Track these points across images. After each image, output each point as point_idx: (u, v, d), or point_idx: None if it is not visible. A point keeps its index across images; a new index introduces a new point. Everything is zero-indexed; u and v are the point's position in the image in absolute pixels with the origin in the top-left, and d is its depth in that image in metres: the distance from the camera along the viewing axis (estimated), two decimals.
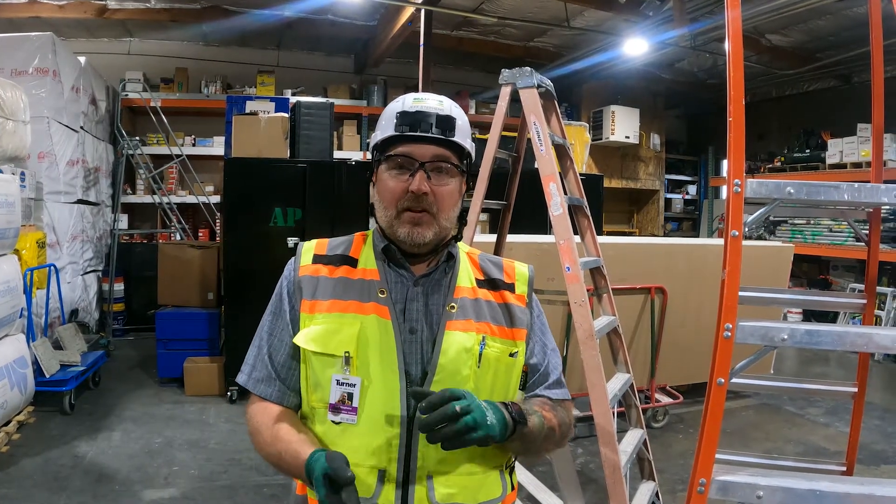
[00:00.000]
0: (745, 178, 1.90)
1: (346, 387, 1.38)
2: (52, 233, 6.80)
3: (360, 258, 1.51)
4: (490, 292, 1.53)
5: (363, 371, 1.38)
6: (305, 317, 1.45)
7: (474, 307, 1.48)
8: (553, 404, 1.53)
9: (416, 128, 1.40)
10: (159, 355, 6.32)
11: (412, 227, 1.41)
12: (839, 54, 9.25)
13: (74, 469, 4.37)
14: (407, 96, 1.47)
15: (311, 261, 1.51)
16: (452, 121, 1.43)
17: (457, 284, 1.49)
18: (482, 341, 1.44)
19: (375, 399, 1.38)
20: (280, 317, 1.51)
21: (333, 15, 9.02)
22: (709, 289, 5.39)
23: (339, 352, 1.39)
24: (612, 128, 10.82)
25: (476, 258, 1.59)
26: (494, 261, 1.62)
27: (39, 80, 6.67)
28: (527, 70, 3.14)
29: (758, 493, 1.77)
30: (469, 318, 1.46)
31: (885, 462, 4.90)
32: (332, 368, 1.39)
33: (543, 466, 4.22)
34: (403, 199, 1.40)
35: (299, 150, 6.31)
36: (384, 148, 1.44)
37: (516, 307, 1.54)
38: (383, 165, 1.44)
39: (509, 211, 3.77)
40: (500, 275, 1.58)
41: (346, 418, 1.38)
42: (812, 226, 9.81)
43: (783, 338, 1.84)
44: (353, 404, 1.38)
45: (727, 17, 1.98)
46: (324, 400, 1.40)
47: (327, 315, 1.43)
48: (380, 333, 1.40)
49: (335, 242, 1.56)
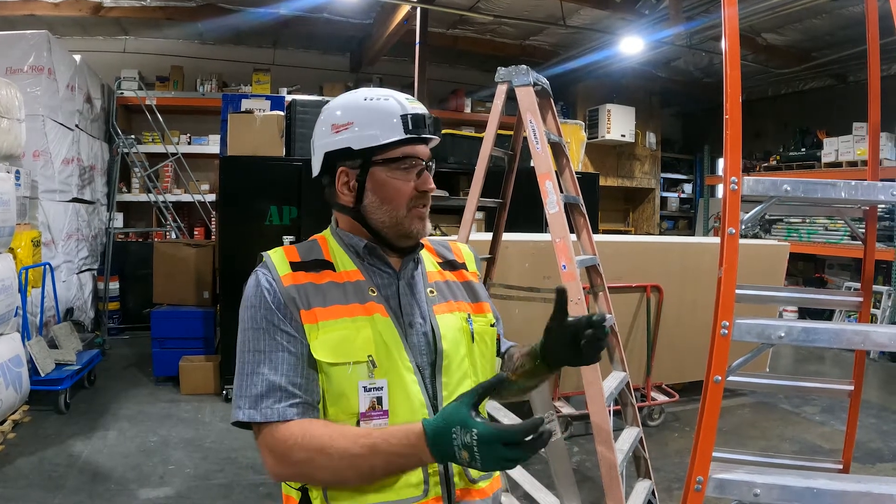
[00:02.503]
0: (741, 176, 1.90)
1: (374, 392, 1.34)
2: (47, 231, 6.78)
3: (334, 261, 1.47)
4: (452, 272, 1.60)
5: (384, 372, 1.36)
6: (310, 327, 1.36)
7: (447, 288, 1.54)
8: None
9: (426, 130, 1.43)
10: (155, 354, 6.30)
11: (423, 223, 1.46)
12: (835, 53, 9.28)
13: (70, 468, 4.35)
14: (394, 95, 1.45)
15: (289, 269, 1.42)
16: (440, 121, 1.48)
17: (427, 270, 1.54)
18: (468, 318, 1.50)
19: (403, 398, 1.36)
20: (275, 332, 1.37)
21: (329, 13, 9.00)
22: (704, 287, 5.39)
23: (362, 357, 1.34)
24: (607, 126, 10.83)
25: (429, 243, 1.64)
26: (443, 243, 1.68)
27: (34, 78, 6.65)
28: (523, 68, 3.13)
29: (755, 491, 1.77)
30: (448, 299, 1.52)
31: (881, 460, 4.91)
32: (357, 376, 1.34)
33: (539, 465, 4.22)
34: (413, 197, 1.43)
35: (295, 148, 6.30)
36: (380, 149, 1.41)
37: (475, 284, 1.62)
38: (384, 168, 1.42)
39: (505, 209, 3.77)
40: (451, 255, 1.65)
41: (379, 423, 1.33)
42: (807, 224, 9.84)
43: (780, 335, 1.84)
44: (383, 408, 1.34)
45: (724, 15, 1.98)
46: (349, 410, 1.34)
47: (335, 322, 1.37)
48: (388, 332, 1.39)
49: (304, 248, 1.50)
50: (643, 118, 11.68)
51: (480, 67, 11.11)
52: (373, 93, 1.46)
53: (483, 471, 1.25)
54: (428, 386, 1.40)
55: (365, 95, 1.46)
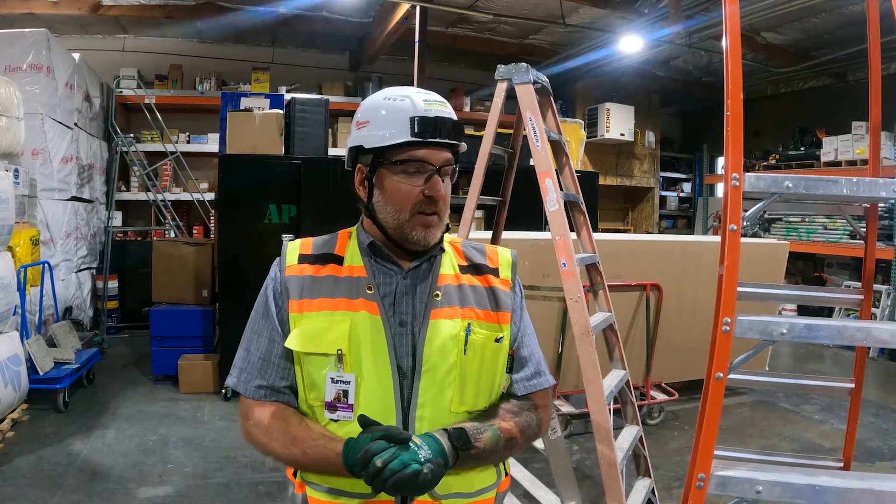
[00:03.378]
0: (743, 173, 1.89)
1: (341, 384, 1.39)
2: (45, 230, 6.77)
3: (345, 255, 1.51)
4: (474, 277, 1.55)
5: (356, 368, 1.39)
6: (294, 317, 1.45)
7: (458, 293, 1.50)
8: (519, 407, 1.52)
9: (435, 134, 1.39)
10: (153, 353, 6.29)
11: (426, 230, 1.43)
12: (834, 52, 9.29)
13: (68, 467, 4.35)
14: (412, 96, 1.43)
15: (296, 261, 1.50)
16: (461, 126, 1.44)
17: (440, 272, 1.50)
18: (468, 328, 1.45)
19: (370, 395, 1.39)
20: (268, 318, 1.48)
21: (328, 12, 8.99)
22: (704, 286, 5.40)
23: (331, 350, 1.39)
24: (606, 125, 10.83)
25: (458, 245, 1.60)
26: (477, 247, 1.63)
27: (33, 76, 6.65)
28: (523, 66, 3.12)
29: (757, 488, 1.77)
30: (454, 304, 1.47)
31: (881, 459, 4.91)
32: (325, 367, 1.40)
33: (540, 463, 4.22)
34: (418, 203, 1.41)
35: (294, 146, 6.29)
36: (390, 150, 1.41)
37: (501, 291, 1.55)
38: (390, 168, 1.42)
39: (505, 207, 3.76)
40: (484, 259, 1.59)
41: (342, 416, 1.39)
42: (807, 223, 9.84)
43: (782, 332, 1.83)
44: (348, 401, 1.39)
45: (725, 13, 1.98)
46: (320, 399, 1.41)
47: (317, 314, 1.43)
48: (370, 329, 1.41)
49: (320, 241, 1.55)
50: (642, 117, 11.67)
51: (480, 66, 11.10)
52: (395, 92, 1.46)
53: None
54: (404, 389, 1.40)
55: (386, 95, 1.46)
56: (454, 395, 1.42)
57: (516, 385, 1.55)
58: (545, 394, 1.61)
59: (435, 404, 1.41)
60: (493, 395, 1.50)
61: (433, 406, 1.41)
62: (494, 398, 1.51)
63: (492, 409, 1.50)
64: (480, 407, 1.47)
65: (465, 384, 1.43)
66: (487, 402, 1.49)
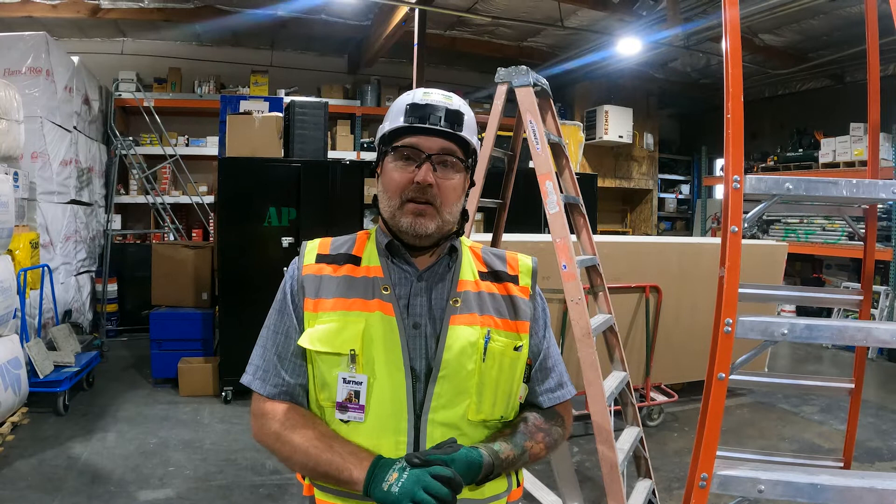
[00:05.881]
0: (743, 175, 1.90)
1: (353, 385, 1.38)
2: (45, 233, 6.76)
3: (363, 256, 1.50)
4: (494, 284, 1.53)
5: (369, 369, 1.38)
6: (309, 315, 1.44)
7: (477, 300, 1.47)
8: (548, 424, 1.52)
9: (426, 120, 1.39)
10: (153, 356, 6.28)
11: (415, 218, 1.40)
12: (832, 54, 9.30)
13: (69, 470, 4.34)
14: (417, 90, 1.47)
15: (314, 260, 1.50)
16: (461, 115, 1.43)
17: (460, 278, 1.49)
18: (487, 335, 1.43)
19: (382, 397, 1.37)
20: (285, 315, 1.49)
21: (327, 15, 8.99)
22: (703, 288, 5.41)
23: (344, 350, 1.38)
24: (605, 127, 10.84)
25: (479, 251, 1.59)
26: (497, 253, 1.60)
27: (32, 79, 6.65)
28: (523, 69, 3.14)
29: (759, 487, 1.78)
30: (473, 311, 1.45)
31: (880, 459, 4.92)
32: (337, 367, 1.39)
33: (541, 465, 4.22)
34: (408, 189, 1.40)
35: (293, 149, 6.30)
36: (392, 139, 1.44)
37: (520, 299, 1.52)
38: (390, 156, 1.43)
39: (505, 209, 3.77)
40: (504, 267, 1.57)
41: (353, 416, 1.38)
42: (805, 225, 9.86)
43: (783, 332, 1.84)
44: (359, 402, 1.37)
45: (725, 16, 1.99)
46: (331, 399, 1.40)
47: (331, 313, 1.42)
48: (384, 330, 1.39)
49: (338, 241, 1.55)
50: (641, 119, 11.69)
51: (478, 69, 11.13)
52: (413, 90, 1.49)
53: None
54: (418, 392, 1.39)
55: (409, 92, 1.49)
56: (472, 402, 1.40)
57: (542, 397, 1.54)
58: (568, 404, 1.62)
59: (450, 410, 1.39)
60: (510, 404, 1.48)
61: (448, 412, 1.39)
62: (512, 408, 1.49)
63: (519, 422, 1.48)
64: (497, 416, 1.45)
65: (483, 392, 1.41)
66: (504, 411, 1.46)
